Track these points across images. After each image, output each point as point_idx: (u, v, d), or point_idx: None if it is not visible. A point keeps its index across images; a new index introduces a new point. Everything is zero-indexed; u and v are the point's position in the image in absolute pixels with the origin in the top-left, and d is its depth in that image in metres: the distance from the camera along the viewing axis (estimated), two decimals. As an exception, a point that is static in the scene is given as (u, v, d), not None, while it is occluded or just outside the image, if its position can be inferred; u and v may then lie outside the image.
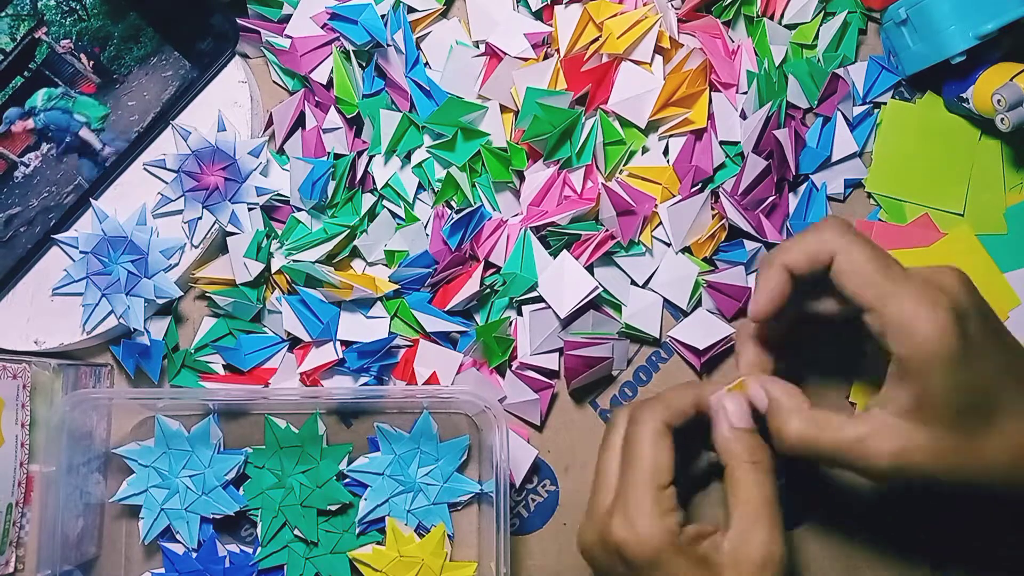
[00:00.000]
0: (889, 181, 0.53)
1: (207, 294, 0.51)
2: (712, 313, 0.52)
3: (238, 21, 0.51)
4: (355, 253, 0.52)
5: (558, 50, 0.50)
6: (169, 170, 0.51)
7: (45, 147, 0.50)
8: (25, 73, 0.50)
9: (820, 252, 0.41)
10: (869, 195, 0.54)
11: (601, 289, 0.50)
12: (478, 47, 0.51)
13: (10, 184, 0.50)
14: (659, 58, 0.50)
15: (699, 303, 0.52)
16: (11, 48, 0.49)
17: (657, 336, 0.51)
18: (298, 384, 0.51)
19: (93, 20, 0.50)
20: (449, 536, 0.51)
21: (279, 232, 0.51)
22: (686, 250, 0.51)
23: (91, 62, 0.50)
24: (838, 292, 0.41)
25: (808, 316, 0.45)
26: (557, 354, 0.51)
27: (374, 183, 0.51)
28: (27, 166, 0.49)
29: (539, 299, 0.50)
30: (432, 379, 0.51)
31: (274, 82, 0.54)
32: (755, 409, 0.43)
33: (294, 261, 0.50)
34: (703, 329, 0.51)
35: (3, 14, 0.48)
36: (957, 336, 0.38)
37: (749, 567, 0.39)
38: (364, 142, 0.51)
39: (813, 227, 0.41)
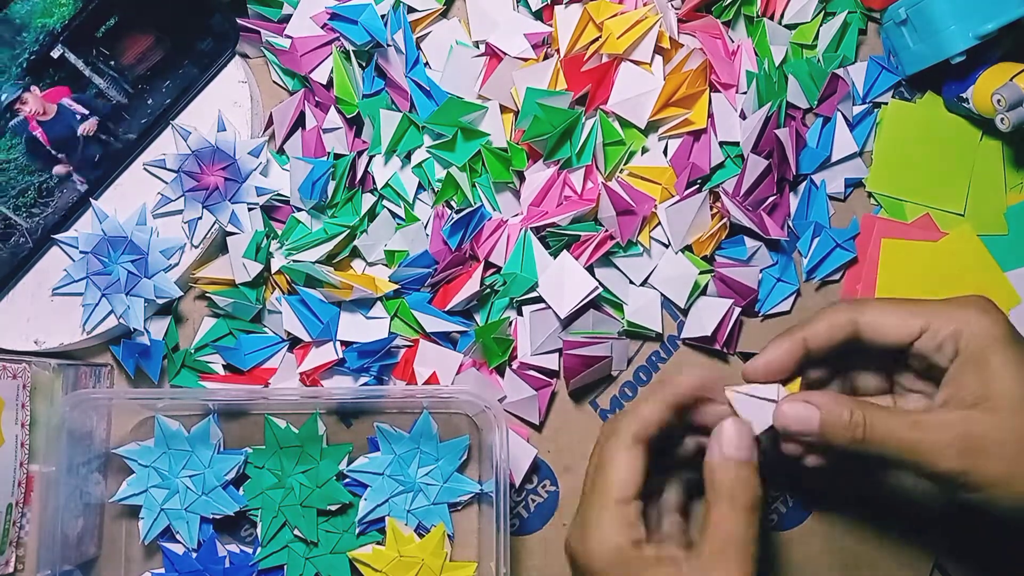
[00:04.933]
0: (890, 181, 0.53)
1: (207, 294, 0.51)
2: (710, 296, 0.52)
3: (238, 21, 0.51)
4: (355, 253, 0.52)
5: (558, 50, 0.50)
6: (169, 170, 0.51)
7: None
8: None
9: (840, 323, 0.41)
10: (870, 194, 0.54)
11: (601, 289, 0.50)
12: (478, 47, 0.51)
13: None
14: (659, 58, 0.50)
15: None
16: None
17: (659, 331, 0.51)
18: (298, 384, 0.51)
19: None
20: (449, 536, 0.51)
21: (279, 232, 0.51)
22: (686, 249, 0.51)
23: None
24: (874, 349, 0.41)
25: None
26: (557, 354, 0.51)
27: (374, 183, 0.51)
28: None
29: (539, 299, 0.50)
30: (432, 379, 0.51)
31: (274, 82, 0.54)
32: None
33: (294, 261, 0.50)
34: (706, 315, 0.51)
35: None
36: (1005, 323, 0.39)
37: None
38: (364, 142, 0.51)
39: (830, 308, 0.42)
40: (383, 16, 0.50)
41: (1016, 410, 0.38)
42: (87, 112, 0.51)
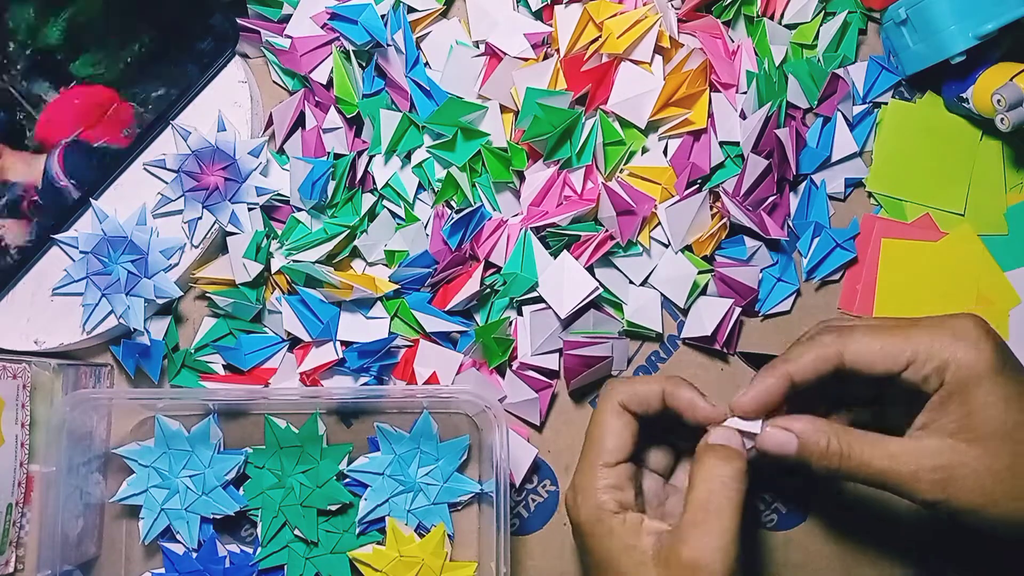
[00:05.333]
0: (890, 181, 0.53)
1: (207, 294, 0.51)
2: (710, 296, 0.52)
3: (238, 21, 0.51)
4: (355, 253, 0.52)
5: (558, 50, 0.50)
6: (169, 170, 0.51)
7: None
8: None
9: (826, 355, 0.41)
10: (870, 194, 0.54)
11: (601, 289, 0.50)
12: (478, 47, 0.51)
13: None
14: (659, 58, 0.50)
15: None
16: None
17: (659, 331, 0.51)
18: (298, 384, 0.51)
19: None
20: (449, 536, 0.51)
21: (279, 232, 0.51)
22: (686, 249, 0.51)
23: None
24: (862, 378, 0.41)
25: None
26: (557, 354, 0.51)
27: (374, 183, 0.51)
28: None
29: (539, 299, 0.50)
30: (432, 379, 0.51)
31: (274, 82, 0.54)
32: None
33: (294, 261, 0.50)
34: (706, 315, 0.51)
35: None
36: (995, 350, 0.38)
37: (676, 566, 0.38)
38: (364, 142, 0.51)
39: (807, 339, 0.42)
40: (383, 16, 0.50)
41: (995, 444, 0.38)
42: (73, 183, 0.50)
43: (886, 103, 0.54)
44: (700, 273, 0.51)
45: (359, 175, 0.51)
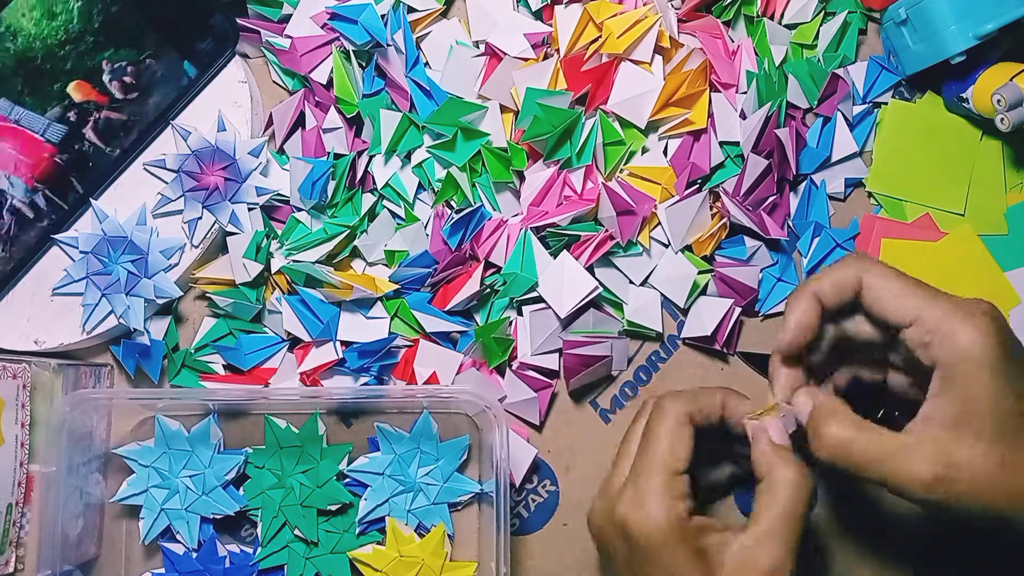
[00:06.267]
0: (890, 181, 0.53)
1: (207, 294, 0.51)
2: (710, 296, 0.52)
3: (238, 21, 0.51)
4: (355, 253, 0.52)
5: (558, 50, 0.50)
6: (169, 170, 0.51)
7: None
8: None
9: (847, 279, 0.41)
10: (870, 194, 0.54)
11: (601, 289, 0.50)
12: (478, 47, 0.51)
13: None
14: (659, 58, 0.50)
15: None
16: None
17: (659, 331, 0.51)
18: (298, 384, 0.51)
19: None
20: (449, 536, 0.51)
21: (279, 232, 0.51)
22: (686, 249, 0.51)
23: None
24: (872, 319, 0.42)
25: (842, 345, 0.44)
26: (557, 354, 0.51)
27: (374, 183, 0.51)
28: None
29: (539, 299, 0.50)
30: (432, 379, 0.51)
31: (274, 82, 0.54)
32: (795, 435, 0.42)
33: (294, 261, 0.50)
34: (706, 315, 0.51)
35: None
36: (998, 340, 0.38)
37: (754, 572, 0.39)
38: (364, 142, 0.51)
39: (838, 260, 0.43)
40: (383, 16, 0.50)
41: (996, 437, 0.38)
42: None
43: (886, 103, 0.54)
44: (700, 273, 0.51)
45: (359, 175, 0.51)
